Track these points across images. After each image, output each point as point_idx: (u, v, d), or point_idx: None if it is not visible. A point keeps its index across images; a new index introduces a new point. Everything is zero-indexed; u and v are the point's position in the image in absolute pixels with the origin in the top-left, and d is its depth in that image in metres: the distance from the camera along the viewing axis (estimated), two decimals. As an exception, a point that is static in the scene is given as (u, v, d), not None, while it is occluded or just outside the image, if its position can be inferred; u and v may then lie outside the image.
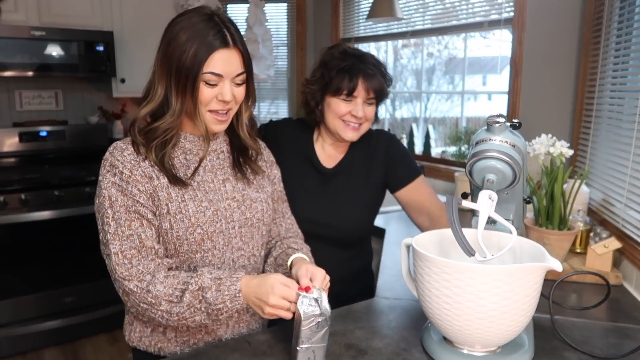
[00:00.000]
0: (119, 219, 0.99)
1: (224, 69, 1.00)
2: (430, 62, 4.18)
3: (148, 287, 0.97)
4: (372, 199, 1.49)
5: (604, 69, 1.91)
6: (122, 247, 0.98)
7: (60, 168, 3.12)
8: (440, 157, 2.99)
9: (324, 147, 1.48)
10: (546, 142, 1.42)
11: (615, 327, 1.15)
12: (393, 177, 1.47)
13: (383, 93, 1.37)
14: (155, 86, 1.02)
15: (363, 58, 1.36)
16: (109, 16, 3.11)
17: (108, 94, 3.34)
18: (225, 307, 0.97)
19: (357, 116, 1.34)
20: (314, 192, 1.44)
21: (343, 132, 1.37)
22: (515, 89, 2.35)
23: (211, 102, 1.02)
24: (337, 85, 1.33)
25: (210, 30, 0.99)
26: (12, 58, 2.80)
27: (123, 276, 0.98)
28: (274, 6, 3.60)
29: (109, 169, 1.01)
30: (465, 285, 0.86)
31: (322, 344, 0.94)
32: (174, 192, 1.03)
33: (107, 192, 1.00)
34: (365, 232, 1.53)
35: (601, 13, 1.93)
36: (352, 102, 1.35)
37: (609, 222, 1.68)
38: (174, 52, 0.99)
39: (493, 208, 0.98)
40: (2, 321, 2.70)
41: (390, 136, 1.52)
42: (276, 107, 3.81)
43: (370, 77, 1.33)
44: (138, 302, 0.98)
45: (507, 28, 2.40)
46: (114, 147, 1.04)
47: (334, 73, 1.34)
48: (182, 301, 0.96)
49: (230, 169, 1.14)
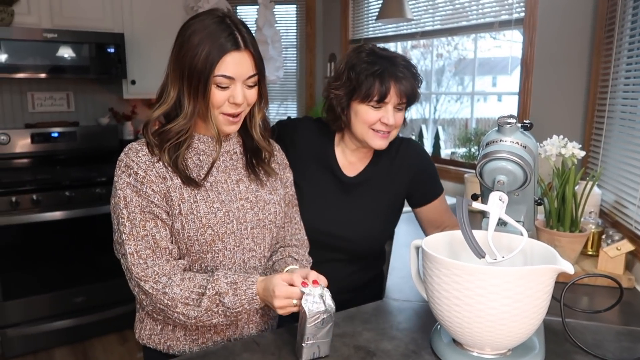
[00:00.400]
0: (134, 219, 1.01)
1: (235, 72, 1.00)
2: (440, 63, 4.16)
3: (164, 290, 0.99)
4: (393, 211, 1.43)
5: (616, 69, 1.89)
6: (137, 247, 1.00)
7: (71, 169, 3.15)
8: (449, 158, 2.97)
9: (345, 153, 1.38)
10: (557, 143, 1.41)
11: (628, 330, 1.13)
12: (417, 192, 1.41)
13: (415, 96, 1.28)
14: (168, 88, 1.03)
15: (394, 61, 1.25)
16: (120, 18, 3.13)
17: (119, 95, 3.37)
18: (244, 309, 1.00)
19: (388, 124, 1.25)
20: (332, 202, 1.36)
21: (372, 141, 1.28)
22: (526, 89, 2.33)
23: (223, 105, 1.03)
24: (366, 91, 1.23)
25: (222, 32, 0.99)
26: (24, 60, 2.83)
27: (139, 276, 0.99)
28: (284, 8, 3.60)
29: (124, 170, 1.03)
30: (475, 287, 0.86)
31: (327, 339, 0.96)
32: (187, 192, 1.04)
33: (122, 192, 1.01)
34: (382, 245, 1.49)
35: (614, 12, 1.91)
36: (383, 109, 1.25)
37: (621, 224, 1.66)
38: (186, 55, 0.99)
39: (503, 210, 0.97)
40: (13, 320, 2.73)
41: (418, 147, 1.45)
42: (285, 108, 3.81)
43: (401, 80, 1.24)
44: (155, 302, 1.00)
45: (517, 28, 2.38)
46: (129, 148, 1.05)
47: (363, 77, 1.24)
48: (200, 306, 0.99)
49: (243, 170, 1.14)
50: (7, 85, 3.14)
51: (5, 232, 2.66)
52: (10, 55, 2.78)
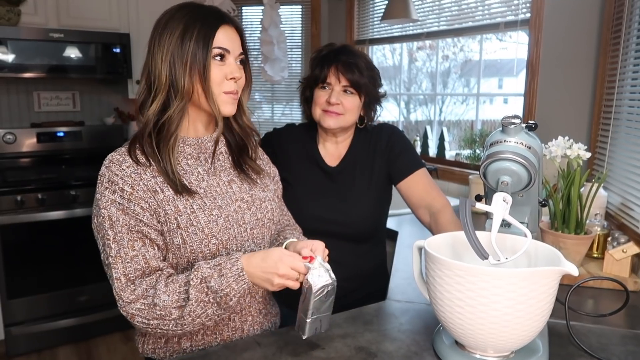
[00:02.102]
0: (121, 240, 0.95)
1: (229, 44, 1.01)
2: (446, 64, 4.15)
3: (154, 301, 0.94)
4: (379, 192, 1.50)
5: (623, 70, 1.87)
6: (125, 270, 0.95)
7: (76, 168, 3.17)
8: (454, 159, 2.96)
9: (325, 146, 1.52)
10: (563, 144, 1.40)
11: (634, 334, 1.12)
12: (394, 168, 1.49)
13: (359, 84, 1.40)
14: (156, 80, 0.99)
15: (341, 50, 1.43)
16: (126, 18, 3.15)
17: (124, 95, 3.39)
18: (232, 289, 0.94)
19: (331, 102, 1.40)
20: (321, 190, 1.48)
21: (323, 120, 1.43)
22: (532, 90, 2.32)
23: (223, 82, 1.01)
24: (315, 75, 1.42)
25: (208, 11, 1.01)
26: (31, 60, 2.85)
27: (129, 300, 0.94)
28: (289, 8, 3.61)
29: (108, 186, 0.96)
30: (478, 289, 0.85)
31: (328, 313, 0.97)
32: (182, 203, 0.99)
33: (106, 211, 0.95)
34: (377, 225, 1.54)
35: (621, 13, 1.89)
36: (329, 91, 1.41)
37: (627, 226, 1.64)
38: (174, 38, 0.97)
39: (507, 211, 0.96)
40: (17, 319, 2.74)
41: (392, 128, 1.55)
42: (290, 109, 3.82)
43: (344, 65, 1.39)
44: (148, 319, 0.94)
45: (523, 29, 2.37)
46: (109, 160, 0.98)
47: (314, 65, 1.44)
48: (189, 299, 0.93)
49: (232, 170, 1.11)
50: (14, 85, 3.16)
51: (10, 231, 2.67)
52: (17, 55, 2.80)
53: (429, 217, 1.42)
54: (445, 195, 1.48)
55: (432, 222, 1.40)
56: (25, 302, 2.75)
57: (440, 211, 1.39)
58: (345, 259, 1.34)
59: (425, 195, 1.45)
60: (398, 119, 3.63)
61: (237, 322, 1.11)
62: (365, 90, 1.43)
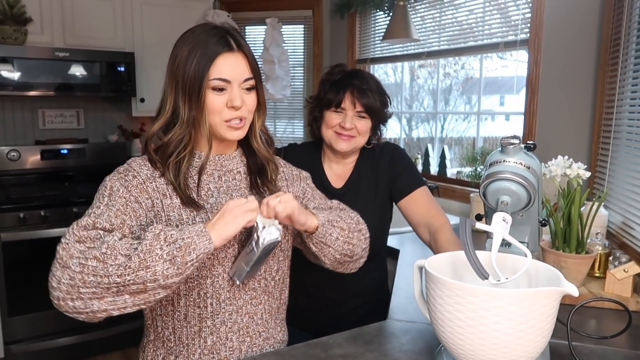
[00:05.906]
0: (111, 206, 0.93)
1: (230, 74, 0.99)
2: (447, 82, 4.18)
3: (102, 239, 0.86)
4: (382, 210, 1.52)
5: (622, 89, 1.89)
6: (95, 219, 0.89)
7: (79, 185, 3.18)
8: (455, 177, 2.97)
9: (330, 167, 1.54)
10: (562, 163, 1.40)
11: (637, 355, 1.11)
12: (395, 187, 1.50)
13: (373, 109, 1.42)
14: (165, 102, 1.02)
15: (355, 74, 1.44)
16: (131, 37, 3.20)
17: (128, 113, 3.42)
18: (193, 242, 0.87)
19: (345, 127, 1.41)
20: None
21: (335, 143, 1.44)
22: (532, 109, 2.33)
23: (223, 111, 1.00)
24: (328, 99, 1.43)
25: (212, 37, 0.99)
26: (36, 78, 2.88)
27: (77, 238, 0.87)
28: (291, 28, 3.65)
29: (121, 171, 1.00)
30: (478, 309, 0.85)
31: (261, 264, 1.04)
32: (186, 214, 1.00)
33: (110, 183, 0.98)
34: (379, 244, 1.55)
35: (619, 34, 1.91)
36: (342, 115, 1.42)
37: (629, 245, 1.64)
38: (179, 65, 0.99)
39: (507, 230, 0.96)
40: (18, 337, 2.73)
41: (394, 147, 1.56)
42: (292, 127, 3.84)
43: (359, 91, 1.40)
44: (86, 259, 0.83)
45: (523, 49, 2.39)
46: (132, 159, 1.04)
47: (327, 87, 1.44)
48: (141, 244, 0.85)
49: (247, 191, 1.11)
50: (19, 103, 3.20)
51: (12, 248, 2.67)
52: (23, 74, 2.83)
53: (429, 235, 1.42)
54: (445, 214, 1.49)
55: (431, 240, 1.40)
56: (26, 320, 2.74)
57: (438, 230, 1.39)
58: (347, 277, 1.34)
59: (425, 213, 1.46)
60: (400, 136, 3.65)
61: (235, 342, 1.08)
62: (377, 114, 1.45)
